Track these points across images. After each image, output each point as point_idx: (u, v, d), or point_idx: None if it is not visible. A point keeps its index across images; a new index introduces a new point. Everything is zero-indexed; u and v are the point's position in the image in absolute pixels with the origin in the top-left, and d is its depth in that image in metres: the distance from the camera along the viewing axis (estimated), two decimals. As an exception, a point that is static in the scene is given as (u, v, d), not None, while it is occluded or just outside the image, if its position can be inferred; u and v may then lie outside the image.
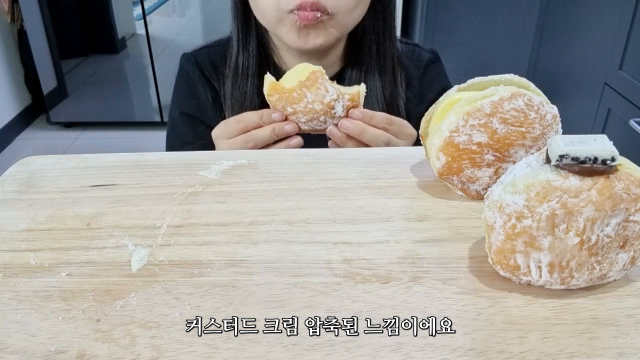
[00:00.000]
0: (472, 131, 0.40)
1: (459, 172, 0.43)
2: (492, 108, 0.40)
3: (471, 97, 0.41)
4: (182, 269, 0.38)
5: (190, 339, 0.32)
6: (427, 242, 0.40)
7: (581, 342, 0.32)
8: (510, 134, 0.40)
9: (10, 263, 0.39)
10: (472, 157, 0.42)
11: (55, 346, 0.32)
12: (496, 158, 0.41)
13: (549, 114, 0.41)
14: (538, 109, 0.41)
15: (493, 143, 0.40)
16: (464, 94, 0.44)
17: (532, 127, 0.40)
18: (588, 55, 1.75)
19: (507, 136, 0.40)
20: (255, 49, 0.75)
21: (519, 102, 0.40)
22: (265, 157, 0.54)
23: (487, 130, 0.40)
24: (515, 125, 0.40)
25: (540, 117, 0.41)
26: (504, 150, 0.41)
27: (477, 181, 0.44)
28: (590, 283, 0.35)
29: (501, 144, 0.40)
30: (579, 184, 0.32)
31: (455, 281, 0.37)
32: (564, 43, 1.94)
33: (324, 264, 0.38)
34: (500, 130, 0.40)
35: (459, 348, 0.32)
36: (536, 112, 0.40)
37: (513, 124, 0.40)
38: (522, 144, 0.41)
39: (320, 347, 0.32)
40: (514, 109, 0.40)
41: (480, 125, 0.40)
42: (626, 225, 0.33)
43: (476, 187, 0.44)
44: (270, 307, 0.35)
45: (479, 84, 0.45)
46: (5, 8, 2.55)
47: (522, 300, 0.35)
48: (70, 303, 0.35)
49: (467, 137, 0.41)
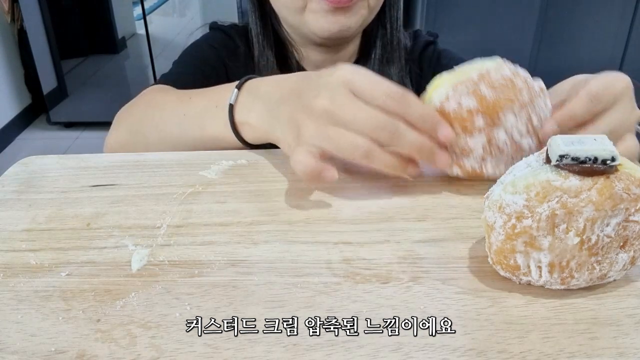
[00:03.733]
0: (462, 98, 0.41)
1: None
2: (480, 76, 0.41)
3: (460, 71, 0.43)
4: (182, 269, 0.38)
5: (190, 339, 0.32)
6: (427, 242, 0.40)
7: (581, 342, 0.32)
8: (499, 100, 0.41)
9: (10, 263, 0.39)
10: (463, 124, 0.42)
11: (55, 346, 0.32)
12: (487, 123, 0.42)
13: (536, 85, 0.43)
14: (525, 79, 0.43)
15: (482, 108, 0.41)
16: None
17: (520, 93, 0.42)
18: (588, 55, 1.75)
19: (496, 101, 0.41)
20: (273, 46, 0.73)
21: (506, 71, 0.42)
22: (265, 157, 0.54)
23: (476, 96, 0.41)
24: (503, 91, 0.41)
25: (527, 87, 0.42)
26: (494, 116, 0.42)
27: (471, 154, 0.43)
28: (590, 283, 0.35)
29: (491, 109, 0.41)
30: (579, 184, 0.32)
31: (455, 281, 0.37)
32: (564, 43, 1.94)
33: (324, 264, 0.38)
34: (489, 95, 0.41)
35: (459, 348, 0.32)
36: (523, 81, 0.42)
37: (501, 90, 0.41)
38: (511, 108, 0.42)
39: (320, 347, 0.32)
40: (501, 76, 0.42)
41: (469, 92, 0.41)
42: (626, 225, 0.33)
43: (471, 162, 0.44)
44: (270, 307, 0.35)
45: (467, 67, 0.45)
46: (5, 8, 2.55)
47: (522, 300, 0.35)
48: (70, 303, 0.35)
49: (457, 105, 0.41)
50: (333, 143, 0.42)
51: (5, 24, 2.60)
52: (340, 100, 0.41)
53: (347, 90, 0.41)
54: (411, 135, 0.41)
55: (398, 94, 0.40)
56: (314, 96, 0.42)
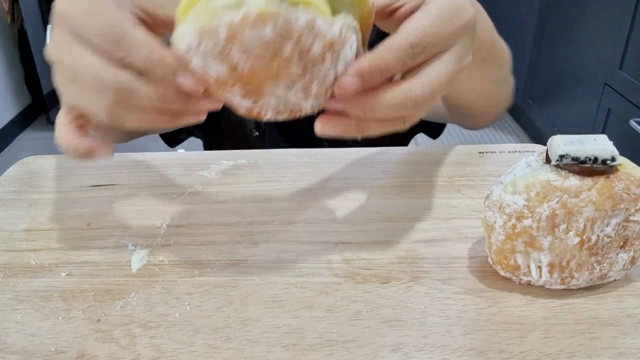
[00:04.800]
0: (207, 59, 0.28)
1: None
2: (230, 32, 0.27)
3: (213, 3, 0.28)
4: (182, 269, 0.38)
5: (190, 339, 0.32)
6: (427, 242, 0.40)
7: (581, 342, 0.32)
8: (258, 71, 0.28)
9: (10, 263, 0.39)
10: (215, 88, 0.30)
11: (56, 346, 0.32)
12: (247, 91, 0.30)
13: (319, 41, 0.28)
14: (299, 38, 0.27)
15: (235, 80, 0.29)
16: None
17: (289, 62, 0.28)
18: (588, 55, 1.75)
19: (253, 73, 0.28)
20: None
21: (267, 31, 0.27)
22: (265, 157, 0.54)
23: (225, 61, 0.28)
24: (264, 60, 0.28)
25: (303, 49, 0.28)
26: (254, 87, 0.30)
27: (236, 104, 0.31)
28: (590, 283, 0.35)
29: (246, 81, 0.29)
30: (579, 184, 0.32)
31: (455, 281, 0.37)
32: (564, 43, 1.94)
33: (324, 264, 0.38)
34: (243, 64, 0.28)
35: (459, 348, 0.32)
36: (296, 44, 0.27)
37: (261, 58, 0.28)
38: (278, 81, 0.29)
39: (320, 347, 0.32)
40: (259, 38, 0.27)
41: (216, 52, 0.28)
42: (626, 225, 0.33)
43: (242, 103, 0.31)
44: (271, 307, 0.35)
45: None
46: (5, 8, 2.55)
47: (522, 300, 0.35)
48: (71, 303, 0.35)
49: (202, 67, 0.29)
50: (78, 103, 0.32)
51: (5, 24, 2.60)
52: (61, 47, 0.31)
53: (66, 30, 0.31)
54: (143, 90, 0.30)
55: (113, 34, 0.29)
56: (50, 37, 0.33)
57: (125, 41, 0.29)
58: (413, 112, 0.31)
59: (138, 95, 0.30)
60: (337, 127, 0.31)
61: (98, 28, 0.29)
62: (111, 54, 0.29)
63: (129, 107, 0.30)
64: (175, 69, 0.29)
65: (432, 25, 0.30)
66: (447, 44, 0.31)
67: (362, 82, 0.29)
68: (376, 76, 0.29)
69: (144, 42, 0.29)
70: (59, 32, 0.31)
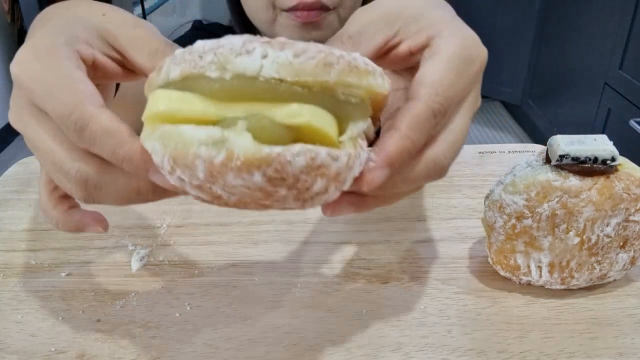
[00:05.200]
0: (184, 185, 0.24)
1: None
2: (209, 173, 0.22)
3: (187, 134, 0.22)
4: (182, 269, 0.38)
5: (190, 339, 0.32)
6: (427, 242, 0.40)
7: (581, 342, 0.32)
8: (244, 204, 0.24)
9: (10, 263, 0.39)
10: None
11: (55, 346, 0.32)
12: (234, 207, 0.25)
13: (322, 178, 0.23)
14: (297, 180, 0.22)
15: (221, 204, 0.24)
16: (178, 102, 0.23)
17: (285, 199, 0.23)
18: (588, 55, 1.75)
19: (239, 204, 0.24)
20: None
21: (256, 178, 0.22)
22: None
23: (207, 194, 0.23)
24: (253, 198, 0.23)
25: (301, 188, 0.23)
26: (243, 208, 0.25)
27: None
28: (590, 283, 0.35)
29: (233, 206, 0.24)
30: (579, 184, 0.32)
31: (455, 281, 0.37)
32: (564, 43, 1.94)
33: (324, 264, 0.38)
34: (228, 198, 0.23)
35: (459, 348, 0.32)
36: (292, 186, 0.23)
37: (249, 197, 0.23)
38: (271, 209, 0.24)
39: (320, 348, 0.32)
40: (246, 184, 0.22)
41: (194, 185, 0.23)
42: (626, 225, 0.33)
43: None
44: (271, 307, 0.35)
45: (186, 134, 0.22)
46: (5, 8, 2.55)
47: (522, 300, 0.35)
48: (70, 303, 0.35)
49: (180, 186, 0.24)
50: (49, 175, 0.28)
51: (6, 24, 2.60)
52: (20, 117, 0.27)
53: (24, 98, 0.27)
54: (112, 184, 0.26)
55: (74, 122, 0.24)
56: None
57: (88, 132, 0.24)
58: (438, 178, 0.28)
59: (106, 188, 0.26)
60: (351, 209, 0.28)
61: (58, 109, 0.25)
62: (73, 140, 0.25)
63: (100, 195, 0.27)
64: (145, 167, 0.25)
65: (452, 84, 0.27)
66: (464, 97, 0.28)
67: (392, 170, 0.26)
68: (405, 159, 0.26)
69: (109, 133, 0.24)
70: (17, 97, 0.27)
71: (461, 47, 0.28)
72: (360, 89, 0.24)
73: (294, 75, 0.22)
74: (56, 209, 0.29)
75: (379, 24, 0.29)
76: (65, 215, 0.29)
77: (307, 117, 0.22)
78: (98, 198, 0.27)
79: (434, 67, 0.27)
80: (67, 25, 0.28)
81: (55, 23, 0.28)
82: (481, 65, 0.29)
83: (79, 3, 0.31)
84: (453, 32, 0.28)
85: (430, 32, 0.28)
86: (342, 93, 0.24)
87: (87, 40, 0.28)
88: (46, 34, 0.27)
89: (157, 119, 0.23)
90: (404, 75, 0.32)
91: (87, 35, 0.28)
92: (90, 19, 0.29)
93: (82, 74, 0.26)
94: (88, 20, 0.29)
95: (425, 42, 0.28)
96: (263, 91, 0.22)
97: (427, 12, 0.29)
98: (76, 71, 0.26)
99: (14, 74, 0.26)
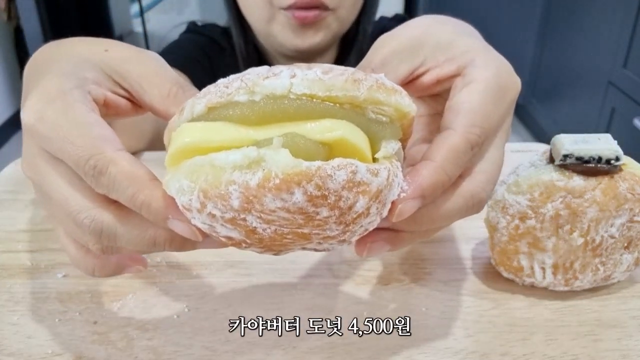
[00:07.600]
0: (215, 223, 0.23)
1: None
2: (245, 199, 0.21)
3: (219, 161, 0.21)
4: (180, 270, 0.38)
5: (188, 342, 0.32)
6: (429, 243, 0.40)
7: (585, 345, 0.31)
8: (281, 237, 0.23)
9: (6, 264, 0.39)
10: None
11: (52, 348, 0.32)
12: (267, 249, 0.25)
13: (364, 196, 0.22)
14: (339, 198, 0.21)
15: (254, 242, 0.24)
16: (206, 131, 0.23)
17: (325, 223, 0.22)
18: (592, 54, 1.74)
19: (275, 238, 0.23)
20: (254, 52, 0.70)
21: (296, 197, 0.21)
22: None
23: (240, 227, 0.22)
24: (291, 227, 0.22)
25: (344, 208, 0.22)
26: (278, 248, 0.25)
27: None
28: (594, 284, 0.34)
29: (268, 244, 0.24)
30: (583, 184, 0.31)
31: (458, 283, 0.36)
32: (567, 41, 1.94)
33: (324, 265, 0.38)
34: (264, 231, 0.22)
35: (461, 350, 0.31)
36: (334, 205, 0.22)
37: (287, 226, 0.22)
38: (309, 242, 0.24)
39: (320, 350, 0.31)
40: (285, 206, 0.21)
41: (226, 220, 0.22)
42: (630, 226, 0.33)
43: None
44: (270, 308, 0.34)
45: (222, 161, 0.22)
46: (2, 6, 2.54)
47: (525, 302, 0.35)
48: (67, 305, 0.35)
49: (209, 227, 0.23)
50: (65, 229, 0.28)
51: (2, 23, 2.59)
52: (32, 165, 0.26)
53: (37, 147, 0.26)
54: (128, 235, 0.25)
55: (92, 167, 0.24)
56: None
57: (107, 176, 0.24)
58: (475, 212, 0.27)
59: (120, 239, 0.25)
60: (386, 246, 0.27)
61: (75, 155, 0.24)
62: (91, 185, 0.25)
63: (115, 246, 0.26)
64: (164, 214, 0.24)
65: (488, 114, 0.26)
66: (499, 128, 0.27)
67: (424, 201, 0.25)
68: (439, 191, 0.25)
69: (129, 177, 0.24)
70: (29, 145, 0.26)
71: (496, 76, 0.27)
72: (390, 106, 0.23)
73: (325, 90, 0.22)
74: (88, 256, 0.28)
75: (403, 53, 0.29)
76: (101, 261, 0.28)
77: (342, 132, 0.22)
78: (113, 249, 0.26)
79: (469, 97, 0.26)
80: (74, 67, 0.28)
81: (61, 65, 0.28)
82: (515, 95, 0.28)
83: (76, 41, 0.31)
84: (487, 61, 0.28)
85: (461, 61, 0.28)
86: (372, 111, 0.23)
87: (96, 80, 0.27)
88: (54, 77, 0.26)
89: (183, 154, 0.22)
90: (427, 102, 0.32)
91: (95, 75, 0.28)
92: (95, 57, 0.28)
93: (96, 117, 0.25)
94: (93, 59, 0.28)
95: (456, 71, 0.28)
96: (294, 110, 0.22)
97: (456, 41, 0.29)
98: (90, 114, 0.25)
99: (25, 123, 0.26)
